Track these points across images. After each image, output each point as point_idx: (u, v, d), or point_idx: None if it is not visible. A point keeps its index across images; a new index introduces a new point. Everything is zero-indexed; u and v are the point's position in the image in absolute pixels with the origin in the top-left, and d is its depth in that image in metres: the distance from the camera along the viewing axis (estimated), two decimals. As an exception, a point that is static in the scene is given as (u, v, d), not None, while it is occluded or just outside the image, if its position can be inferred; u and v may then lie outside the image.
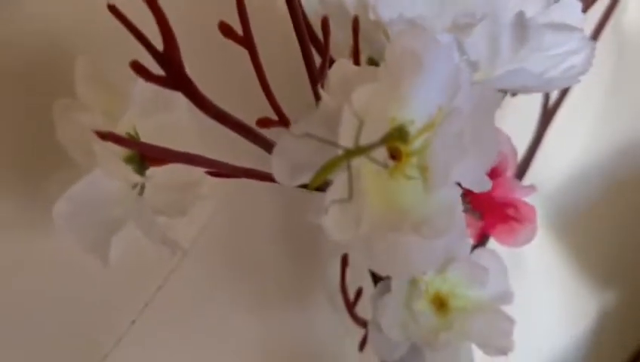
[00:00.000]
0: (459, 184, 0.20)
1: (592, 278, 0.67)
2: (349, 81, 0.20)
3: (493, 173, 0.31)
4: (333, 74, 0.21)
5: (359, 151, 0.18)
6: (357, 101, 0.18)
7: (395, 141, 0.18)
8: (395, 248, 0.20)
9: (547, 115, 0.40)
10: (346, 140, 0.18)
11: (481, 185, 0.21)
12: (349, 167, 0.18)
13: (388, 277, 0.31)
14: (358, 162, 0.19)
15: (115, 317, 0.30)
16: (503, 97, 0.20)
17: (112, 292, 0.29)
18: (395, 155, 0.20)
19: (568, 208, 0.62)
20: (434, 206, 0.20)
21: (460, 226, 0.20)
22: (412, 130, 0.20)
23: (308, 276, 0.37)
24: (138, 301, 0.30)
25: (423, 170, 0.20)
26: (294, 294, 0.36)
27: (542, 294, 0.62)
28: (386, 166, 0.19)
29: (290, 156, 0.19)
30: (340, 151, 0.18)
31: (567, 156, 0.60)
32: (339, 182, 0.18)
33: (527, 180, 0.40)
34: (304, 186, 0.19)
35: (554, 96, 0.41)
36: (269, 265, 0.35)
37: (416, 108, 0.20)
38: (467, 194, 0.21)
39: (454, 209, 0.19)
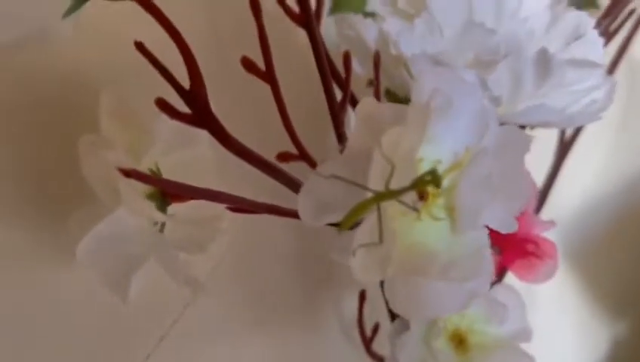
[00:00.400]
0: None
1: (605, 308, 0.66)
2: (376, 119, 0.20)
3: (514, 209, 0.30)
4: (359, 112, 0.20)
5: (390, 194, 0.18)
6: (387, 143, 0.18)
7: (428, 185, 0.18)
8: (420, 291, 0.20)
9: (564, 147, 0.40)
10: (375, 183, 0.18)
11: (508, 227, 0.20)
12: (379, 210, 0.18)
13: (406, 314, 0.31)
14: (385, 203, 0.19)
15: (130, 352, 0.29)
16: (531, 139, 0.20)
17: (128, 327, 0.29)
18: (421, 195, 0.20)
19: (581, 238, 0.62)
20: (462, 249, 0.19)
21: (488, 269, 0.19)
22: (439, 169, 0.20)
23: (323, 309, 0.36)
24: (153, 335, 0.29)
25: (451, 210, 0.20)
26: (309, 327, 0.36)
27: (554, 324, 0.61)
28: (415, 209, 0.18)
29: (317, 196, 0.19)
30: (369, 194, 0.18)
31: (580, 187, 0.59)
32: (367, 224, 0.18)
33: (545, 213, 0.39)
34: (333, 225, 0.19)
35: (569, 130, 0.41)
36: (283, 298, 0.35)
37: (444, 147, 0.20)
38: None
39: (483, 252, 0.19)
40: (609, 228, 0.64)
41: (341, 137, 0.27)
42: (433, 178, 0.18)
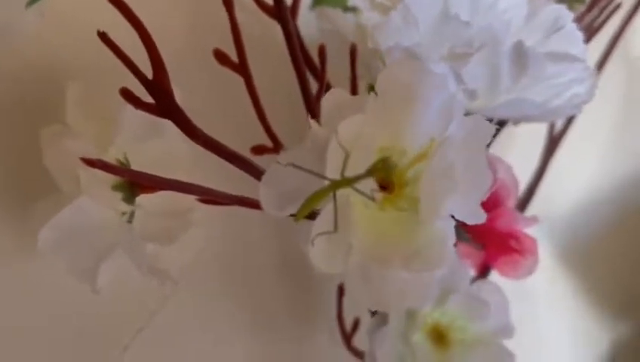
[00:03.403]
0: (453, 216, 0.20)
1: (604, 309, 0.65)
2: (341, 110, 0.20)
3: (493, 203, 0.30)
4: (326, 103, 0.20)
5: (344, 182, 0.18)
6: (344, 132, 0.18)
7: (381, 173, 0.18)
8: (387, 282, 0.20)
9: (552, 143, 0.40)
10: (332, 171, 0.18)
11: (475, 217, 0.20)
12: (334, 199, 0.18)
13: (385, 309, 0.30)
14: (346, 193, 0.19)
15: (107, 343, 0.29)
16: (497, 129, 0.20)
17: (105, 318, 0.28)
18: (386, 186, 0.19)
19: (580, 238, 0.61)
20: (425, 239, 0.19)
21: (453, 260, 0.19)
22: (404, 160, 0.20)
23: (305, 303, 0.36)
24: (131, 327, 0.29)
25: (414, 201, 0.20)
26: (291, 321, 0.35)
27: (552, 325, 0.60)
28: (372, 198, 0.18)
29: (278, 186, 0.19)
30: (326, 183, 0.18)
31: (579, 185, 0.59)
32: (325, 213, 0.18)
33: (538, 209, 0.39)
34: (293, 215, 0.19)
35: (559, 124, 0.41)
36: (265, 292, 0.35)
37: (409, 138, 0.20)
38: (467, 225, 0.21)
39: (446, 242, 0.19)
40: (608, 228, 0.63)
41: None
42: (385, 165, 0.17)
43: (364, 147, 0.18)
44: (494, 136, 0.20)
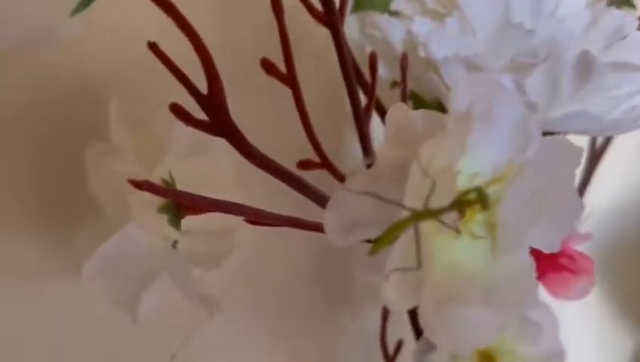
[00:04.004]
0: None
1: (628, 319, 0.64)
2: (409, 129, 0.18)
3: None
4: (390, 121, 0.19)
5: (429, 214, 0.16)
6: (425, 156, 0.16)
7: (472, 205, 0.16)
8: (456, 318, 0.18)
9: (595, 157, 0.38)
10: (412, 200, 0.16)
11: (551, 246, 0.19)
12: (416, 231, 0.16)
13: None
14: (422, 223, 0.17)
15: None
16: (582, 152, 0.18)
17: (140, 343, 0.27)
18: (459, 210, 0.18)
19: (604, 249, 0.60)
20: (504, 271, 0.17)
21: (534, 296, 0.17)
22: (477, 183, 0.18)
23: (341, 325, 0.34)
24: (164, 353, 0.28)
25: (491, 228, 0.18)
26: (327, 344, 0.34)
27: (576, 336, 0.59)
28: (457, 230, 0.17)
29: (345, 213, 0.17)
30: (404, 212, 0.16)
31: (603, 196, 0.57)
32: (402, 245, 0.16)
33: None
34: (367, 241, 0.17)
35: (601, 138, 0.39)
36: (301, 313, 0.33)
37: (482, 159, 0.18)
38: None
39: (529, 277, 0.17)
40: (632, 239, 0.62)
41: (366, 145, 0.26)
42: (479, 197, 0.16)
43: (444, 172, 0.16)
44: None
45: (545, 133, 0.30)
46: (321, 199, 0.21)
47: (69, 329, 0.24)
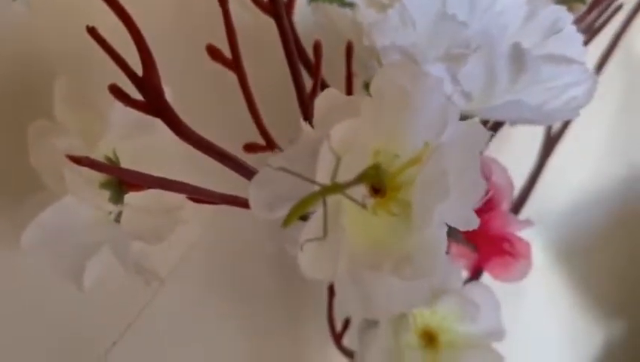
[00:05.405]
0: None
1: (598, 308, 0.65)
2: (335, 112, 0.20)
3: (488, 206, 0.30)
4: (319, 104, 0.20)
5: (335, 188, 0.17)
6: (337, 136, 0.17)
7: (372, 179, 0.17)
8: (376, 288, 0.19)
9: (549, 144, 0.39)
10: (323, 176, 0.17)
11: (467, 223, 0.20)
12: (324, 204, 0.17)
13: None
14: (338, 198, 0.18)
15: (96, 339, 0.29)
16: (491, 135, 0.19)
17: (94, 313, 0.28)
18: (378, 190, 0.19)
19: (573, 236, 0.61)
20: (417, 245, 0.19)
21: (445, 268, 0.19)
22: (396, 164, 0.19)
23: (296, 302, 0.36)
24: (121, 322, 0.29)
25: (406, 206, 0.19)
26: (281, 320, 0.35)
27: (546, 325, 0.61)
28: (363, 205, 0.18)
29: (268, 188, 0.19)
30: (316, 188, 0.17)
31: (572, 185, 0.59)
32: (315, 218, 0.18)
33: (531, 208, 0.39)
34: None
35: (557, 125, 0.40)
36: (257, 289, 0.34)
37: (402, 142, 0.20)
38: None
39: (438, 250, 0.18)
40: (602, 228, 0.63)
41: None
42: (377, 173, 0.17)
43: (356, 151, 0.18)
44: (489, 140, 0.20)
45: (486, 122, 0.32)
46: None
47: (20, 298, 0.25)
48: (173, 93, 0.21)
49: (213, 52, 0.25)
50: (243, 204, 0.24)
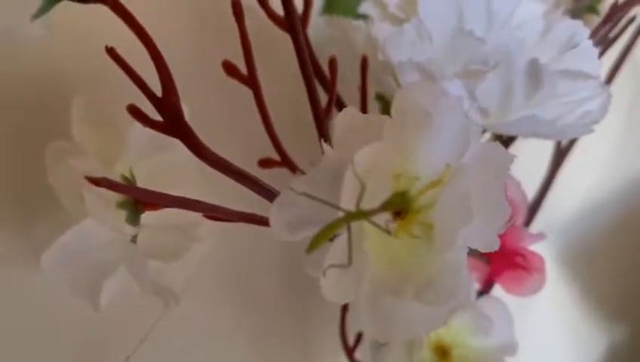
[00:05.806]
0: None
1: (601, 312, 0.65)
2: (355, 133, 0.19)
3: (502, 221, 0.30)
4: (339, 124, 0.20)
5: (360, 215, 0.17)
6: (360, 161, 0.17)
7: (397, 207, 0.17)
8: (395, 312, 0.19)
9: (559, 156, 0.39)
10: (347, 202, 0.17)
11: (490, 246, 0.20)
12: (349, 231, 0.17)
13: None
14: (360, 223, 0.18)
15: (109, 354, 0.29)
16: (512, 157, 0.19)
17: (107, 329, 0.28)
18: (398, 212, 0.19)
19: (577, 242, 0.61)
20: (439, 269, 0.19)
21: (466, 291, 0.19)
22: (417, 186, 0.19)
23: (308, 315, 0.36)
24: (133, 337, 0.29)
25: (428, 228, 0.19)
26: (295, 334, 0.35)
27: (550, 330, 0.60)
28: (387, 231, 0.18)
29: (290, 211, 0.18)
30: (340, 213, 0.17)
31: (577, 193, 0.59)
32: (338, 244, 0.18)
33: (541, 220, 0.39)
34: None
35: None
36: (269, 303, 0.34)
37: (423, 164, 0.19)
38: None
39: (461, 272, 0.18)
40: (605, 233, 0.63)
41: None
42: (402, 200, 0.17)
43: (380, 174, 0.18)
44: (511, 162, 0.19)
45: (500, 136, 0.31)
46: (275, 197, 0.22)
47: (36, 319, 0.25)
48: (189, 111, 0.21)
49: (229, 68, 0.24)
50: (260, 221, 0.24)
